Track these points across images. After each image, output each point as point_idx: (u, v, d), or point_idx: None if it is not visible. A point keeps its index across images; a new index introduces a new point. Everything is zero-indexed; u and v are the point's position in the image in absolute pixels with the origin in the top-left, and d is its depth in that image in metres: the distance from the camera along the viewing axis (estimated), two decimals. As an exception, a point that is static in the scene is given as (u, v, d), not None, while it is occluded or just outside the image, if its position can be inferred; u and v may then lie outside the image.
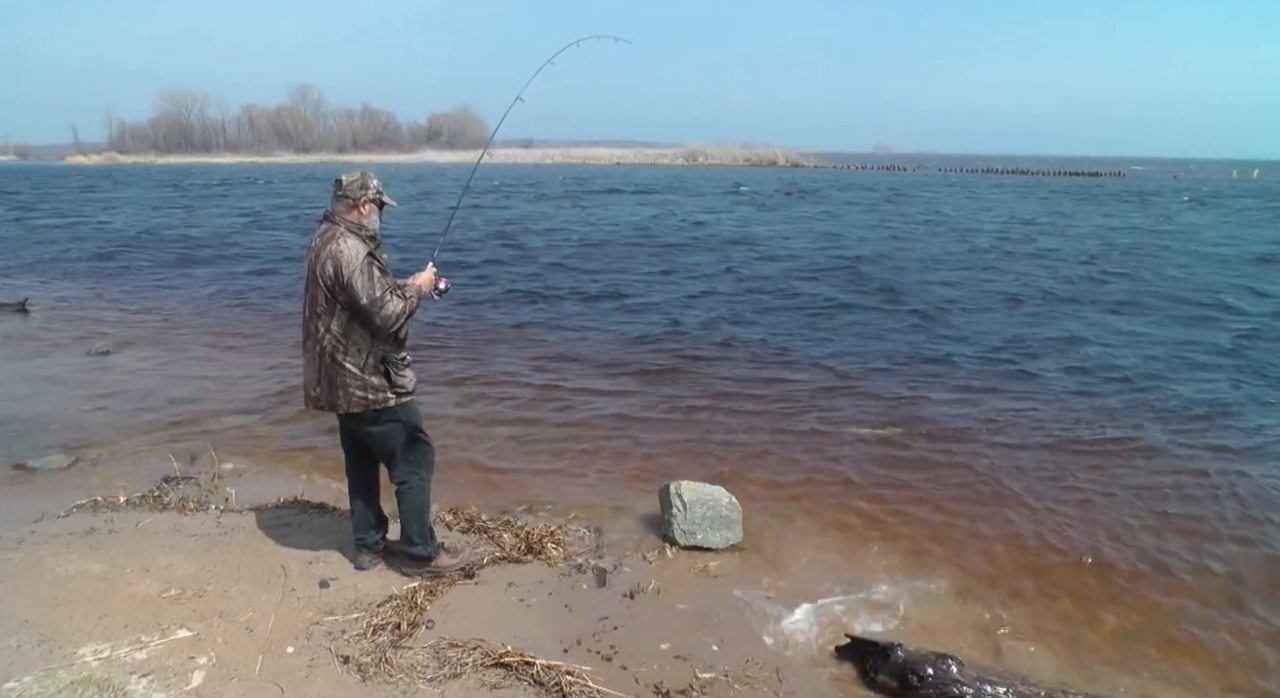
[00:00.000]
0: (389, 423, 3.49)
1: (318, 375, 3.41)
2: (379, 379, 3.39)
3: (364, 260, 3.27)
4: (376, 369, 3.39)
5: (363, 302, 3.25)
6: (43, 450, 5.53)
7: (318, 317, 3.36)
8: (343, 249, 3.27)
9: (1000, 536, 4.59)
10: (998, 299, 11.74)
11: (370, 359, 3.37)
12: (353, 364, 3.35)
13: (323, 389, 3.42)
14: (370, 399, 3.39)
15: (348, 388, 3.37)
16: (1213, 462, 5.61)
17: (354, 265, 3.25)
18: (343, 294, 3.27)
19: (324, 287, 3.29)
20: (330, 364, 3.36)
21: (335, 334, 3.34)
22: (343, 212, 3.39)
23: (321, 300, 3.33)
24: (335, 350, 3.35)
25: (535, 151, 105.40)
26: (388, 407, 3.44)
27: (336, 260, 3.25)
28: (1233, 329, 9.88)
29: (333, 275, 3.26)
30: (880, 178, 59.89)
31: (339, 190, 3.40)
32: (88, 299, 11.80)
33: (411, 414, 3.57)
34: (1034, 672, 3.33)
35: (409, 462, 3.62)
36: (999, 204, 31.65)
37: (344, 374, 3.36)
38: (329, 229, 3.38)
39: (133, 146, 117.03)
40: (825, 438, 6.06)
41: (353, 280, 3.24)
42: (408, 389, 3.49)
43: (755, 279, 13.47)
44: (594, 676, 3.09)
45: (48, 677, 2.92)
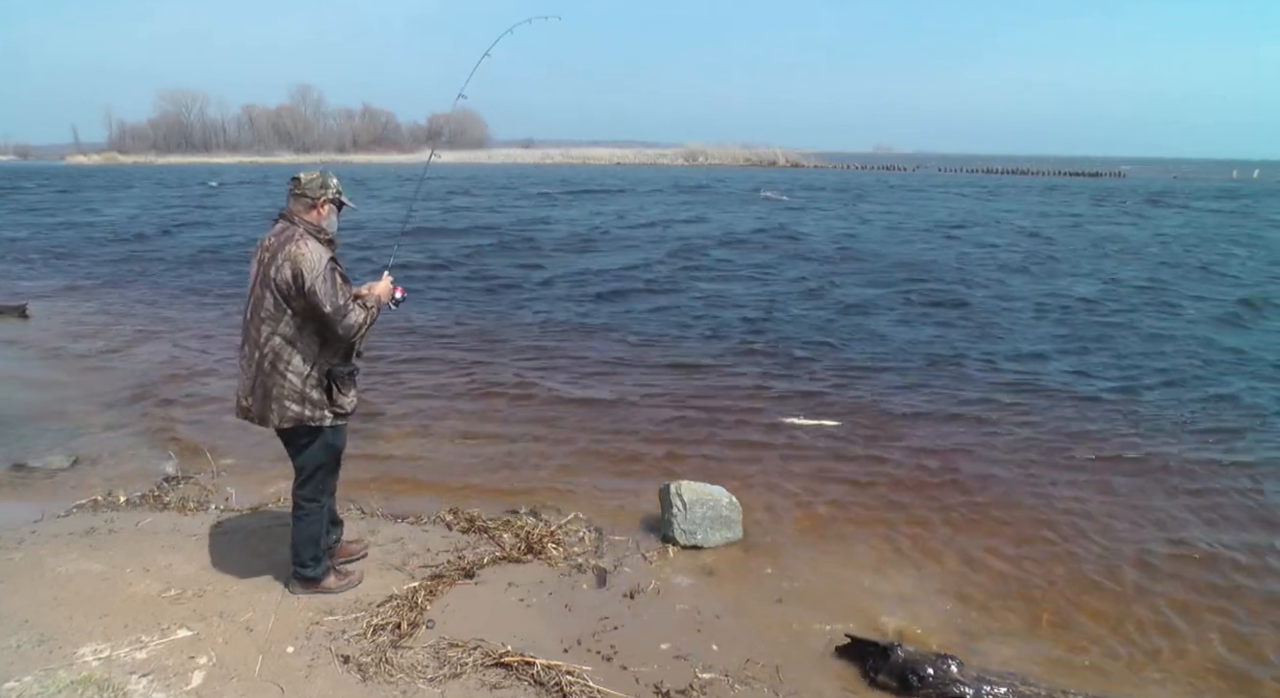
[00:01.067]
0: (316, 443, 3.33)
1: (252, 384, 3.22)
2: (319, 395, 3.23)
3: (327, 266, 3.12)
4: (319, 383, 3.22)
5: (326, 310, 3.10)
6: (43, 451, 5.53)
7: (262, 321, 3.17)
8: (304, 253, 3.10)
9: (1001, 535, 4.59)
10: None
11: (315, 372, 3.20)
12: (294, 375, 3.17)
13: (255, 400, 3.22)
14: (306, 415, 3.21)
15: (283, 401, 3.18)
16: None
17: (317, 271, 3.08)
18: (298, 300, 3.10)
19: (277, 290, 3.12)
20: (268, 373, 3.17)
21: (281, 340, 3.16)
22: (301, 212, 3.23)
23: (270, 304, 3.14)
24: (277, 359, 3.16)
25: (535, 152, 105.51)
26: (321, 426, 3.28)
27: (297, 264, 3.08)
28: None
29: (290, 279, 3.09)
30: (908, 178, 59.77)
31: (297, 189, 3.24)
32: (89, 299, 11.80)
33: (340, 439, 3.43)
34: (1033, 671, 3.33)
35: (313, 485, 3.43)
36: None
37: (281, 386, 3.17)
38: (286, 229, 3.20)
39: (133, 147, 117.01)
40: (826, 438, 6.06)
41: (315, 287, 3.07)
42: (345, 411, 3.33)
43: (764, 281, 13.48)
44: (594, 676, 3.09)
45: (48, 677, 2.92)
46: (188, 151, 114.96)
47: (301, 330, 3.16)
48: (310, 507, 3.44)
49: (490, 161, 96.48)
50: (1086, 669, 3.41)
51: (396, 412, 6.60)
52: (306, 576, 3.52)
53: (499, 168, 78.53)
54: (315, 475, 3.41)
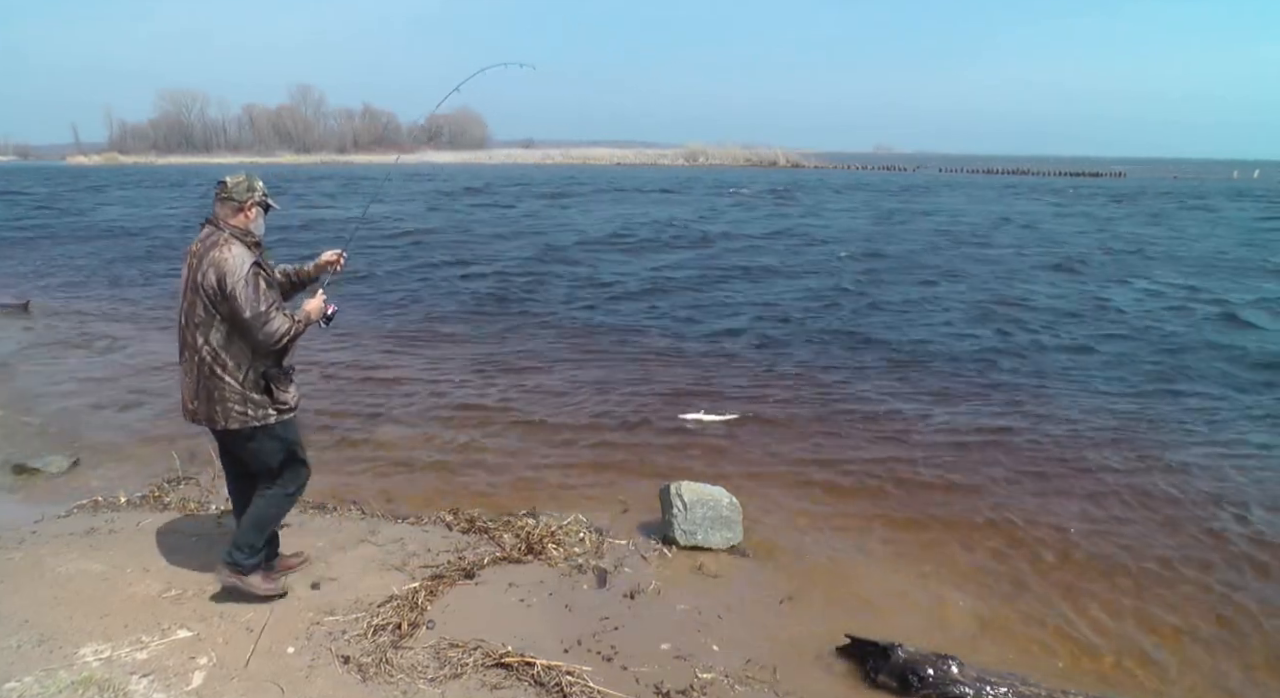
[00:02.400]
0: (268, 440, 3.31)
1: (195, 388, 3.21)
2: (260, 395, 3.22)
3: (249, 270, 3.09)
4: (258, 385, 3.22)
5: (245, 315, 3.07)
6: (43, 451, 5.53)
7: (195, 327, 3.16)
8: (226, 257, 3.08)
9: (1002, 534, 4.59)
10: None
11: (251, 374, 3.20)
12: (232, 379, 3.17)
13: (200, 403, 3.22)
14: (250, 415, 3.21)
15: (226, 403, 3.18)
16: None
17: (238, 275, 3.06)
18: (224, 305, 3.09)
19: (204, 296, 3.10)
20: (209, 378, 3.17)
21: (215, 346, 3.15)
22: (227, 215, 3.21)
23: (200, 310, 3.13)
24: (215, 364, 3.16)
25: (535, 152, 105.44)
26: (267, 424, 3.26)
27: (220, 269, 3.07)
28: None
29: (215, 285, 3.07)
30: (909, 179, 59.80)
31: (223, 193, 3.21)
32: (89, 298, 11.80)
33: (291, 431, 3.40)
34: (1034, 672, 3.33)
35: (285, 480, 3.43)
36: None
37: (223, 388, 3.17)
38: (212, 234, 3.18)
39: (133, 147, 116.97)
40: (826, 438, 6.06)
41: (236, 291, 3.06)
42: (290, 406, 3.33)
43: (759, 278, 13.48)
44: (594, 676, 3.09)
45: (48, 677, 2.92)
46: (188, 152, 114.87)
47: (232, 335, 3.15)
48: (275, 491, 3.41)
49: (490, 162, 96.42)
50: (1096, 669, 3.41)
51: (397, 412, 6.60)
52: (237, 560, 3.40)
53: (499, 168, 78.47)
54: (281, 471, 3.40)
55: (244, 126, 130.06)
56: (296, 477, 3.48)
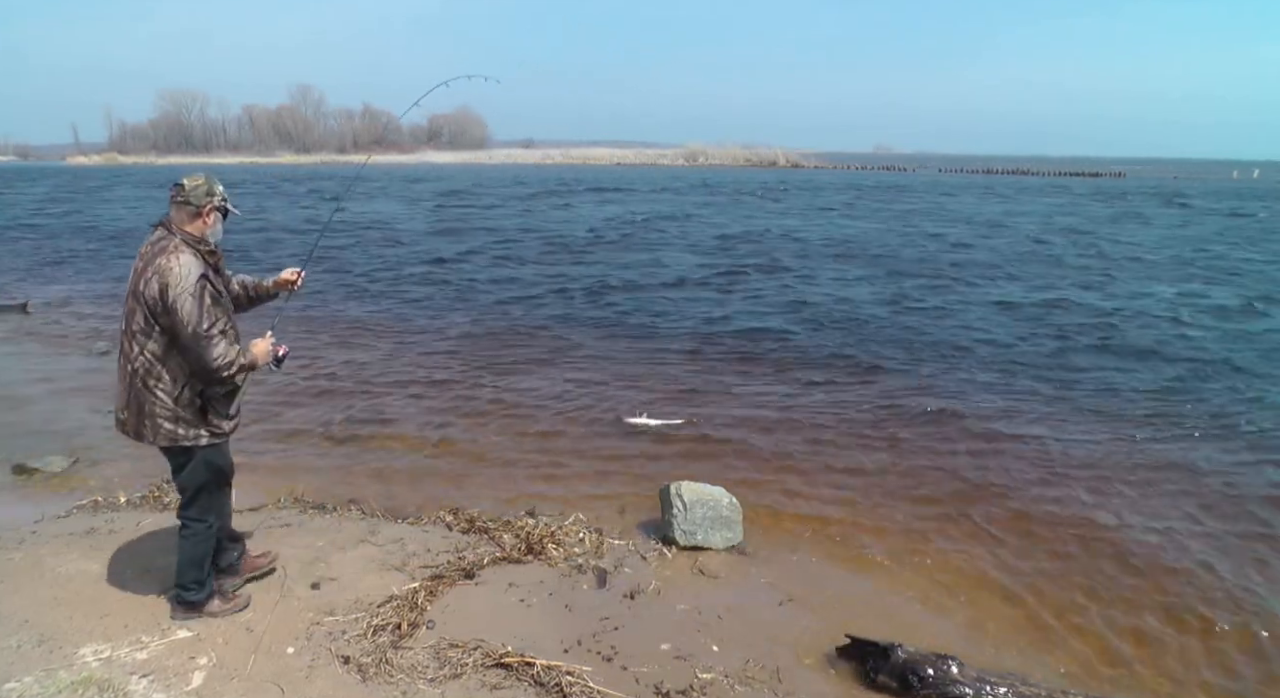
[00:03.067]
0: (195, 462, 3.14)
1: (127, 399, 3.04)
2: (192, 414, 3.03)
3: (196, 282, 2.89)
4: (192, 404, 3.02)
5: (185, 331, 2.87)
6: (43, 451, 5.53)
7: (133, 335, 2.97)
8: (173, 266, 2.88)
9: (1004, 539, 4.59)
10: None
11: (188, 392, 3.00)
12: (164, 393, 2.97)
13: (130, 415, 3.04)
14: (180, 434, 3.03)
15: (155, 418, 3.00)
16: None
17: (182, 286, 2.86)
18: (164, 317, 2.89)
19: (145, 304, 2.91)
20: (141, 389, 2.99)
21: (150, 357, 2.96)
22: (183, 221, 3.01)
23: (140, 318, 2.94)
24: (148, 375, 2.97)
25: (535, 152, 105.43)
26: (197, 445, 3.09)
27: (164, 278, 2.87)
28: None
29: (156, 294, 2.87)
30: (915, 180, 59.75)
31: (180, 196, 3.00)
32: (89, 299, 11.79)
33: (220, 458, 3.21)
34: (1035, 672, 3.33)
35: (197, 507, 3.23)
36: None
37: (154, 403, 2.98)
38: (163, 239, 2.98)
39: (133, 147, 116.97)
40: (826, 438, 6.06)
41: (177, 304, 2.85)
42: (222, 431, 3.14)
43: (753, 275, 13.47)
44: (594, 676, 3.09)
45: (48, 677, 2.92)
46: (188, 152, 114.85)
47: (171, 348, 2.95)
48: (196, 527, 3.23)
49: (490, 162, 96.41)
50: (1087, 670, 3.41)
51: (397, 412, 6.60)
52: (187, 599, 3.30)
53: (500, 168, 78.44)
54: (199, 496, 3.21)
55: (244, 126, 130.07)
56: (213, 506, 3.27)
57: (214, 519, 3.30)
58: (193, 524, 3.24)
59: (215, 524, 3.32)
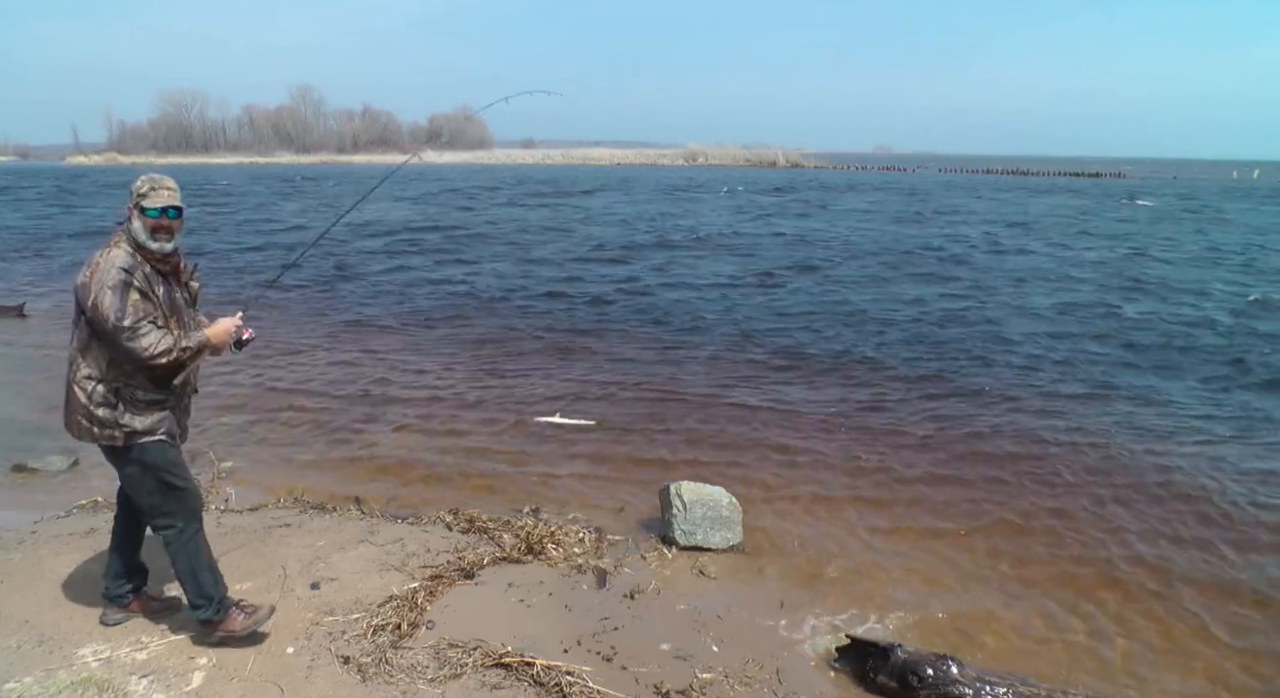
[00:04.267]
0: (127, 465, 2.96)
1: (65, 390, 2.94)
2: (105, 412, 2.86)
3: (117, 277, 2.76)
4: (106, 401, 2.86)
5: (107, 325, 2.74)
6: (43, 452, 5.52)
7: (73, 325, 2.91)
8: (99, 260, 2.81)
9: (1001, 532, 4.59)
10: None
11: (100, 388, 2.85)
12: (80, 389, 2.86)
13: (65, 408, 2.94)
14: (96, 432, 2.88)
15: (75, 414, 2.89)
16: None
17: (103, 282, 2.76)
18: (89, 311, 2.78)
19: (76, 293, 2.85)
20: (68, 384, 2.90)
21: (74, 350, 2.89)
22: (126, 216, 2.94)
23: (75, 311, 2.88)
24: (71, 368, 2.89)
25: (535, 152, 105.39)
26: (114, 445, 2.90)
27: (91, 272, 2.80)
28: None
29: (78, 285, 2.82)
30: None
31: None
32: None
33: (155, 456, 2.95)
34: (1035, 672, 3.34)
35: (162, 513, 3.02)
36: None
37: (74, 398, 2.88)
38: (113, 234, 2.93)
39: (133, 147, 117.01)
40: (825, 439, 6.06)
41: (99, 299, 2.74)
42: (139, 430, 2.90)
43: (751, 272, 13.49)
44: (594, 676, 3.09)
45: (48, 677, 2.92)
46: (188, 152, 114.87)
47: (91, 341, 2.85)
48: (169, 534, 3.03)
49: (491, 162, 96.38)
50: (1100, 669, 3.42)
51: (397, 411, 6.60)
52: (201, 618, 3.12)
53: (501, 168, 78.43)
54: (149, 501, 3.01)
55: (244, 127, 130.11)
56: (181, 503, 3.04)
57: (181, 522, 3.03)
58: (164, 534, 3.04)
59: (188, 527, 3.05)
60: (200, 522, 3.13)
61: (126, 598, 3.32)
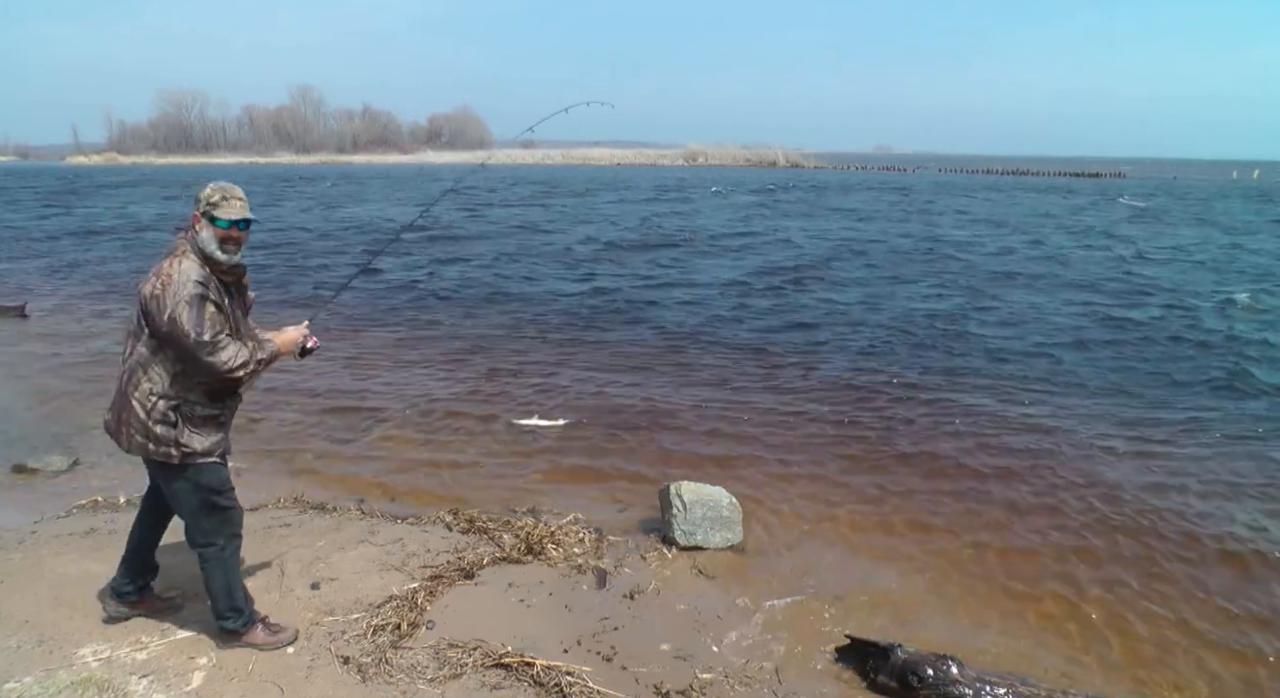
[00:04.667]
0: (177, 481, 2.93)
1: (114, 399, 2.91)
2: (163, 430, 2.82)
3: (194, 289, 2.74)
4: (165, 418, 2.82)
5: (187, 341, 2.72)
6: (43, 451, 5.53)
7: (130, 334, 2.87)
8: (171, 273, 2.76)
9: (999, 533, 4.59)
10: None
11: (161, 404, 2.81)
12: (139, 403, 2.81)
13: (113, 417, 2.90)
14: (151, 450, 2.85)
15: (130, 426, 2.84)
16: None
17: (179, 296, 2.72)
18: (157, 320, 2.74)
19: (140, 304, 2.79)
20: (123, 393, 2.86)
21: (134, 363, 2.83)
22: (189, 226, 2.90)
23: (135, 320, 2.83)
24: (130, 381, 2.84)
25: (535, 152, 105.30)
26: (169, 462, 2.87)
27: (162, 285, 2.74)
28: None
29: (147, 297, 2.76)
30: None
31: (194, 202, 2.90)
32: (88, 300, 11.79)
33: (209, 478, 2.94)
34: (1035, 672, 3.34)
35: (204, 531, 3.01)
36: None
37: (130, 411, 2.83)
38: (177, 243, 2.88)
39: (133, 147, 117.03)
40: (826, 439, 6.06)
41: (177, 314, 2.71)
42: (197, 451, 2.88)
43: (763, 274, 13.49)
44: (594, 676, 3.09)
45: (48, 677, 2.92)
46: (188, 152, 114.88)
47: (155, 355, 2.81)
48: (208, 552, 3.03)
49: (491, 162, 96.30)
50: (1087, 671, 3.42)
51: (396, 411, 6.60)
52: (227, 628, 3.14)
53: (497, 168, 78.44)
54: (199, 523, 3.00)
55: (244, 127, 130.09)
56: (224, 525, 3.04)
57: (223, 541, 3.05)
58: (201, 551, 3.04)
59: (229, 545, 3.08)
60: (240, 538, 3.15)
61: (135, 596, 3.31)
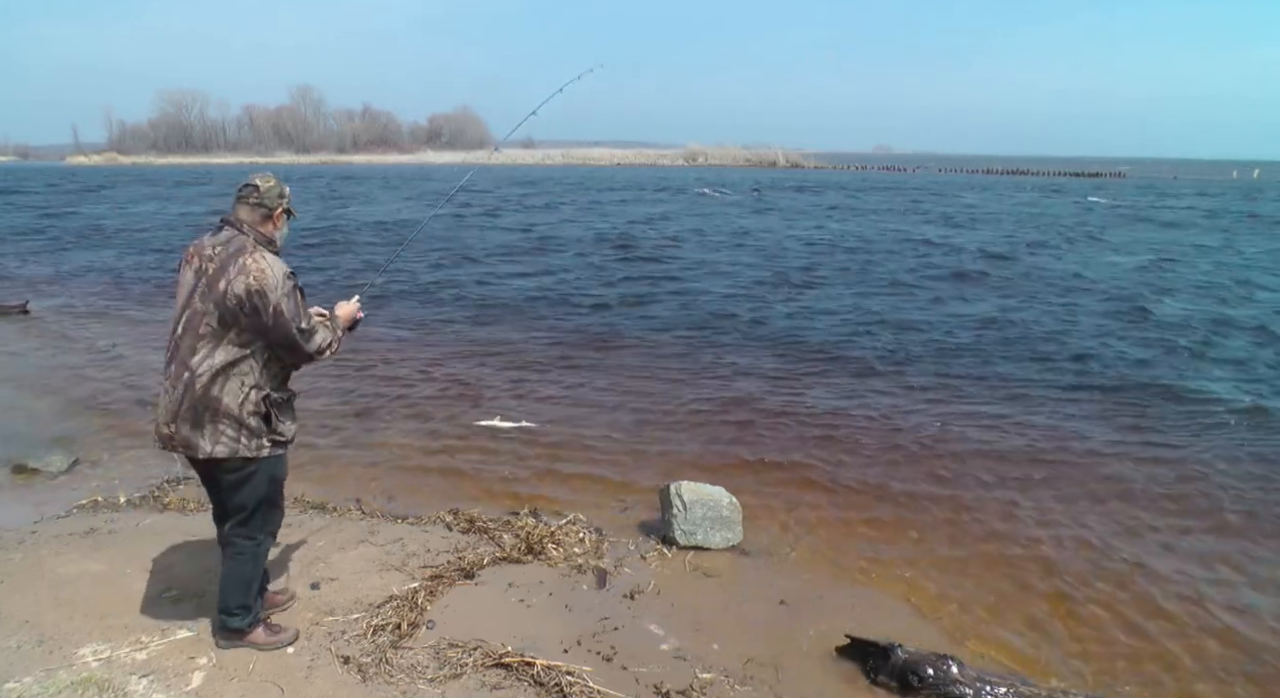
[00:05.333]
0: (254, 474, 2.95)
1: (178, 408, 2.84)
2: (258, 422, 2.88)
3: (288, 280, 2.84)
4: (258, 410, 2.88)
5: (290, 329, 2.82)
6: (43, 451, 5.52)
7: (200, 338, 2.81)
8: (264, 267, 2.80)
9: (1000, 532, 4.59)
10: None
11: (254, 396, 2.86)
12: (231, 400, 2.82)
13: (181, 426, 2.85)
14: (241, 445, 2.87)
15: (218, 425, 2.83)
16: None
17: (281, 289, 2.80)
18: (252, 318, 2.79)
19: (226, 306, 2.78)
20: (201, 397, 2.81)
21: (218, 364, 2.81)
22: (255, 221, 2.92)
23: (213, 321, 2.80)
24: (213, 383, 2.81)
25: (536, 152, 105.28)
26: (259, 456, 2.92)
27: (257, 279, 2.77)
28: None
29: (244, 296, 2.76)
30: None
31: (254, 197, 2.92)
32: (89, 300, 11.80)
33: (281, 468, 3.07)
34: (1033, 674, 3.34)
35: (251, 525, 3.04)
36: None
37: (218, 412, 2.82)
38: (235, 239, 2.87)
39: (133, 147, 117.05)
40: (825, 439, 6.06)
41: (281, 307, 2.79)
42: (285, 439, 3.00)
43: (756, 271, 13.49)
44: (594, 676, 3.09)
45: (48, 677, 2.92)
46: (188, 152, 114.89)
47: (246, 349, 2.84)
48: (247, 545, 3.06)
49: (490, 162, 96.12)
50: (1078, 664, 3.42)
51: (396, 411, 6.60)
52: (231, 626, 3.13)
53: (497, 168, 78.42)
54: (258, 511, 3.03)
55: (243, 127, 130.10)
56: (269, 522, 3.12)
57: (265, 538, 3.12)
58: (241, 543, 3.05)
59: (266, 544, 3.14)
60: (275, 540, 3.24)
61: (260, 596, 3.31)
